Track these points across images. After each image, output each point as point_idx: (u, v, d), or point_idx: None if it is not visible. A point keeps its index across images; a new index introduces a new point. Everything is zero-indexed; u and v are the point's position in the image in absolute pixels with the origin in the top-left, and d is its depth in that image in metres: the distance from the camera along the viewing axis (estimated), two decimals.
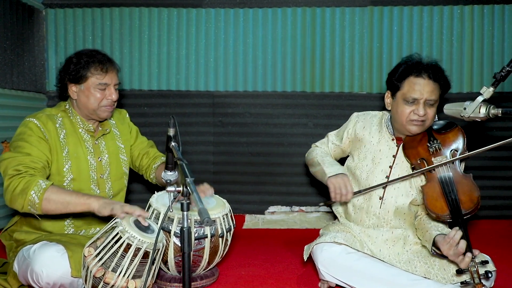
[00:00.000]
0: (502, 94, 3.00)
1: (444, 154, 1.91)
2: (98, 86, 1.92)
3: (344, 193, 1.93)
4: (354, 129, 2.10)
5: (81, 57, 1.93)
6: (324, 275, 1.89)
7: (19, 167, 1.72)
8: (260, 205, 3.10)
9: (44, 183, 1.69)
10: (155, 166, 2.16)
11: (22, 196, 1.67)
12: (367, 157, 2.04)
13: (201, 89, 3.06)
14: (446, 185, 1.85)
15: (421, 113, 1.86)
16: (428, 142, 1.95)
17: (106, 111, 1.97)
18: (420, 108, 1.87)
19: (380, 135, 2.04)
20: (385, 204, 1.98)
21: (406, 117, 1.90)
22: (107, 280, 1.57)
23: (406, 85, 1.89)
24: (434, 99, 1.87)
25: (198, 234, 1.84)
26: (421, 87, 1.86)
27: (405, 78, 1.90)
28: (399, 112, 1.93)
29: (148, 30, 3.02)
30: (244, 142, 3.07)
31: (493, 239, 2.77)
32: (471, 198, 1.82)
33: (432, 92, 1.86)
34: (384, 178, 1.98)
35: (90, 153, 1.98)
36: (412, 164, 1.94)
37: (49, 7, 3.01)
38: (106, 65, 1.93)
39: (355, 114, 2.16)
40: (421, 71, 1.87)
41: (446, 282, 1.77)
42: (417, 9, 2.98)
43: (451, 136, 1.96)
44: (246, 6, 3.02)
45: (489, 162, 3.02)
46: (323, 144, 2.24)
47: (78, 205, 1.69)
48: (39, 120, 1.86)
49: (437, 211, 1.83)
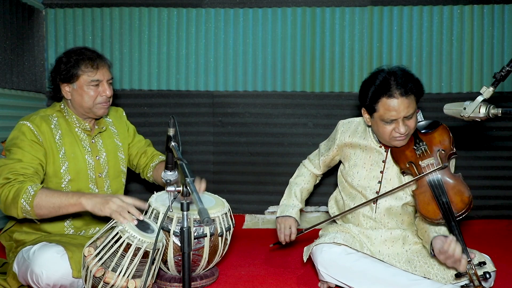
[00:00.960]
0: (502, 94, 3.00)
1: (431, 156, 1.90)
2: (91, 83, 1.89)
3: (287, 233, 2.11)
4: (341, 139, 2.09)
5: (70, 56, 1.90)
6: (324, 276, 1.88)
7: (8, 175, 1.70)
8: (260, 205, 3.10)
9: (33, 189, 1.66)
10: (153, 165, 2.16)
11: (14, 205, 1.66)
12: (358, 164, 2.03)
13: (201, 89, 3.06)
14: (435, 189, 1.84)
15: (402, 131, 1.82)
16: (415, 144, 1.93)
17: (102, 108, 1.95)
18: (401, 126, 1.82)
19: (367, 142, 2.03)
20: (380, 208, 1.98)
21: (388, 135, 1.87)
22: (107, 279, 1.57)
23: (381, 108, 1.82)
24: (411, 112, 1.82)
25: (197, 233, 1.84)
26: (396, 107, 1.79)
27: (378, 101, 1.82)
28: (380, 131, 1.89)
29: (148, 30, 3.02)
30: (244, 142, 3.07)
31: (493, 239, 2.77)
32: (462, 199, 1.81)
33: (408, 108, 1.80)
34: (376, 183, 1.98)
35: (87, 152, 1.97)
36: (401, 169, 1.93)
37: (49, 7, 3.01)
38: (96, 61, 1.90)
39: (340, 122, 2.15)
40: (391, 90, 1.79)
41: (446, 282, 1.77)
42: (417, 9, 2.98)
43: (437, 136, 1.95)
44: (246, 6, 3.02)
45: (489, 162, 3.02)
46: (315, 156, 2.26)
47: (70, 207, 1.66)
48: (33, 122, 1.84)
49: (430, 215, 1.82)
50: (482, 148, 3.03)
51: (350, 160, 2.06)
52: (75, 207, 1.66)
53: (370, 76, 1.92)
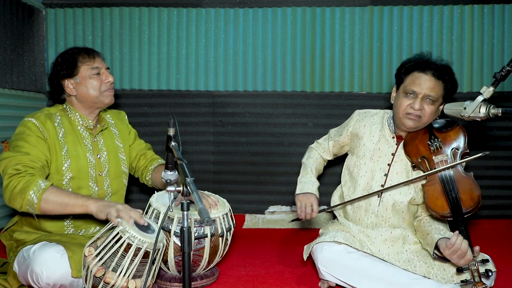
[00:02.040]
0: (502, 93, 3.00)
1: (445, 153, 1.91)
2: (92, 71, 1.95)
3: (308, 211, 2.02)
4: (355, 127, 2.11)
5: (65, 53, 2.00)
6: (324, 275, 1.89)
7: (18, 166, 1.72)
8: (260, 205, 3.10)
9: (44, 184, 1.69)
10: (152, 168, 2.17)
11: (21, 196, 1.67)
12: (366, 155, 2.04)
13: (201, 88, 3.06)
14: (447, 184, 1.85)
15: (416, 107, 1.88)
16: (429, 140, 1.95)
17: (109, 96, 2.00)
18: (417, 102, 1.88)
19: (380, 134, 2.04)
20: (384, 202, 1.98)
21: (403, 109, 1.92)
22: (108, 280, 1.57)
23: (409, 78, 1.92)
24: (433, 96, 1.88)
25: (198, 234, 1.84)
26: (422, 82, 1.88)
27: (410, 72, 1.93)
28: (397, 104, 1.96)
29: (148, 30, 3.02)
30: (244, 142, 3.07)
31: (493, 239, 2.77)
32: (471, 197, 1.82)
33: (432, 89, 1.87)
34: (382, 176, 1.98)
35: (89, 151, 1.99)
36: (412, 162, 1.95)
37: (49, 7, 3.01)
38: (91, 52, 2.00)
39: (357, 111, 2.18)
40: (427, 67, 1.90)
41: (446, 282, 1.77)
42: (417, 9, 2.98)
43: (452, 135, 1.96)
44: (246, 6, 3.02)
45: (489, 162, 3.02)
46: (324, 140, 2.27)
47: (76, 207, 1.69)
48: (38, 119, 1.87)
49: (438, 209, 1.83)
50: (482, 148, 3.03)
51: (359, 151, 2.07)
52: (81, 208, 1.69)
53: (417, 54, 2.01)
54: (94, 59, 1.98)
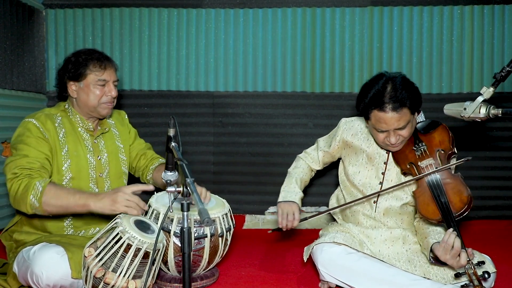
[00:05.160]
0: (502, 94, 3.00)
1: (430, 156, 1.90)
2: (97, 82, 1.94)
3: (290, 219, 1.98)
4: (343, 136, 2.09)
5: (79, 55, 1.96)
6: (324, 276, 1.89)
7: (15, 169, 1.74)
8: (260, 205, 3.10)
9: (41, 185, 1.69)
10: (153, 167, 2.17)
11: (23, 201, 1.69)
12: (359, 163, 2.04)
13: (201, 89, 3.06)
14: (434, 189, 1.84)
15: (392, 142, 1.84)
16: (414, 145, 1.94)
17: (106, 108, 1.98)
18: (391, 136, 1.83)
19: (369, 142, 2.03)
20: (380, 207, 1.99)
21: (381, 142, 1.89)
22: (107, 280, 1.57)
23: (373, 118, 1.83)
24: (404, 124, 1.81)
25: (197, 234, 1.84)
26: (387, 120, 1.79)
27: (370, 112, 1.83)
28: (374, 137, 1.93)
29: (148, 30, 3.02)
30: (244, 143, 3.07)
31: (493, 239, 2.77)
32: (461, 199, 1.80)
33: (399, 121, 1.79)
34: (378, 184, 1.98)
35: (89, 152, 1.99)
36: (402, 170, 1.94)
37: (49, 7, 3.01)
38: (104, 62, 1.96)
39: (343, 120, 2.14)
40: (383, 104, 1.77)
41: (446, 282, 1.77)
42: (417, 9, 2.98)
43: (436, 136, 1.94)
44: (246, 6, 3.02)
45: (489, 162, 3.02)
46: (313, 150, 2.24)
47: (77, 208, 1.71)
48: (38, 120, 1.87)
49: (430, 215, 1.82)
50: (482, 149, 3.03)
51: (351, 160, 2.06)
52: (83, 208, 1.70)
53: (367, 84, 1.89)
54: (105, 71, 1.95)
